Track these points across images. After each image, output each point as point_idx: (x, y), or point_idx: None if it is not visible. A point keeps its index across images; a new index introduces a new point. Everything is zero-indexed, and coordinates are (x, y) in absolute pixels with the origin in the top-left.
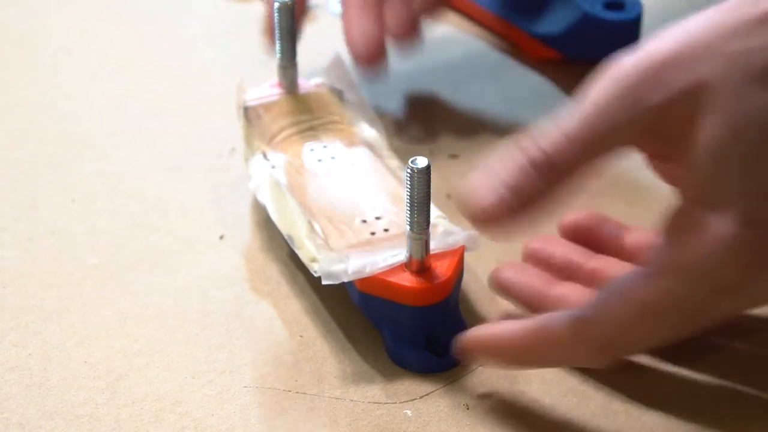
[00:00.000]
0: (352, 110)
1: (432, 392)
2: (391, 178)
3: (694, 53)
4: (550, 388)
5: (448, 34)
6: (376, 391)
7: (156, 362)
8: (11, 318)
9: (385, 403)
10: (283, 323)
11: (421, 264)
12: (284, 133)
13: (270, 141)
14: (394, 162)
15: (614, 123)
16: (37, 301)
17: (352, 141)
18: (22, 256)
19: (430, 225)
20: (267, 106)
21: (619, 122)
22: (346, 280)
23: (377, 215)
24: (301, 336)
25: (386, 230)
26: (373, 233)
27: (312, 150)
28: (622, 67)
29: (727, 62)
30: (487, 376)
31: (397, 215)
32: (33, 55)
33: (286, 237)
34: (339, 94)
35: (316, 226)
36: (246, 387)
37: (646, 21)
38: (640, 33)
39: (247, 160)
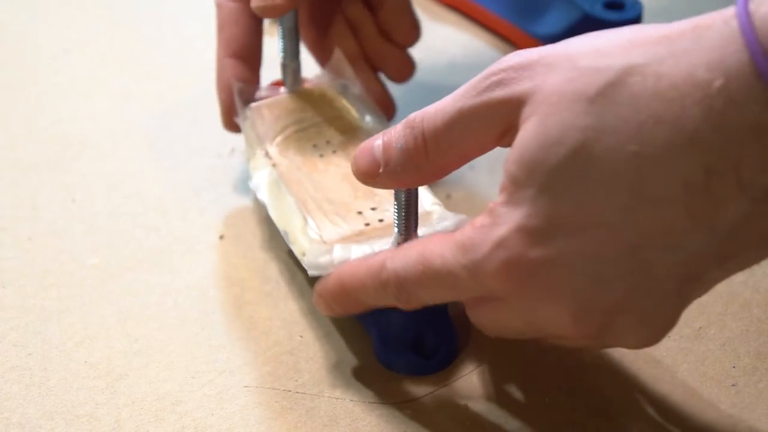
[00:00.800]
0: (355, 104)
1: (432, 392)
2: None
3: (555, 61)
4: (549, 388)
5: (448, 34)
6: (376, 391)
7: (156, 362)
8: (11, 318)
9: (385, 403)
10: (283, 323)
11: None
12: (288, 131)
13: (273, 139)
14: None
15: (471, 106)
16: (37, 301)
17: (355, 134)
18: (22, 256)
19: (426, 213)
20: (270, 105)
21: (473, 106)
22: (332, 270)
23: (373, 206)
24: (301, 336)
25: (381, 221)
26: (367, 224)
27: (315, 146)
28: (504, 58)
29: (572, 75)
30: (487, 376)
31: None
32: (33, 55)
33: (282, 233)
34: (342, 88)
35: (310, 221)
36: (246, 387)
37: (646, 21)
38: None
39: (249, 159)
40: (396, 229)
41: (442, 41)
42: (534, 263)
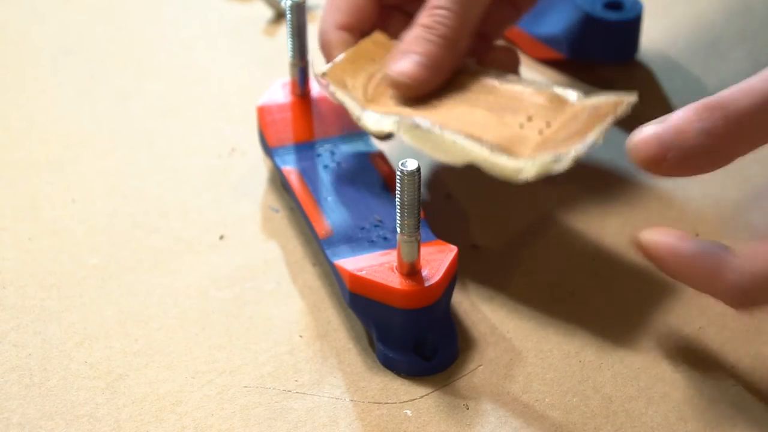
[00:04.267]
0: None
1: (432, 392)
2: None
3: None
4: (550, 388)
5: None
6: (376, 391)
7: (156, 362)
8: (11, 318)
9: (385, 403)
10: (283, 323)
11: (411, 267)
12: (371, 86)
13: (365, 99)
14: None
15: None
16: (37, 301)
17: None
18: (22, 256)
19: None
20: (344, 63)
21: None
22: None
23: (530, 115)
24: (301, 336)
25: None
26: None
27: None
28: None
29: None
30: (487, 376)
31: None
32: (33, 55)
33: (464, 165)
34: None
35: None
36: (246, 387)
37: (646, 21)
38: (640, 33)
39: (359, 119)
40: (399, 230)
41: None
42: None
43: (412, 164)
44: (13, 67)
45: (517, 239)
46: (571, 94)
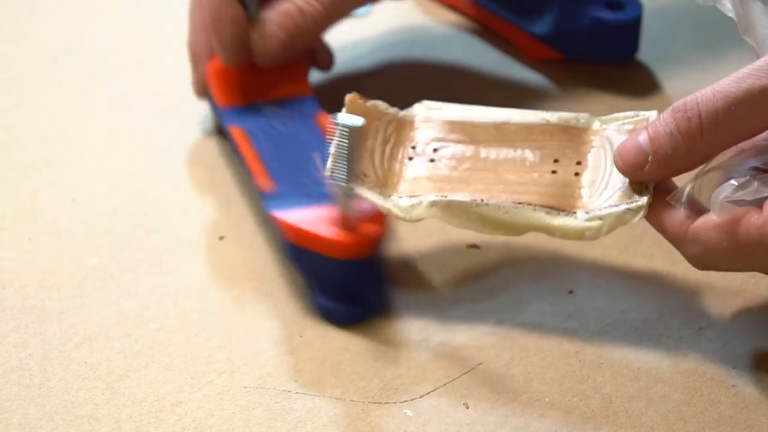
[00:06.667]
0: (392, 108)
1: (432, 391)
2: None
3: None
4: (550, 388)
5: (448, 34)
6: (376, 391)
7: (156, 363)
8: (11, 318)
9: (385, 403)
10: (283, 323)
11: (348, 219)
12: (378, 166)
13: (379, 184)
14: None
15: (764, 86)
16: (38, 301)
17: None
18: (22, 256)
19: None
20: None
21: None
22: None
23: (555, 157)
24: (301, 336)
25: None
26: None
27: (412, 157)
28: None
29: None
30: (487, 376)
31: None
32: (33, 55)
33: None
34: (375, 104)
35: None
36: (246, 387)
37: (646, 21)
38: (640, 33)
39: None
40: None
41: (443, 41)
42: None
43: (344, 117)
44: (13, 67)
45: (517, 239)
46: (585, 119)
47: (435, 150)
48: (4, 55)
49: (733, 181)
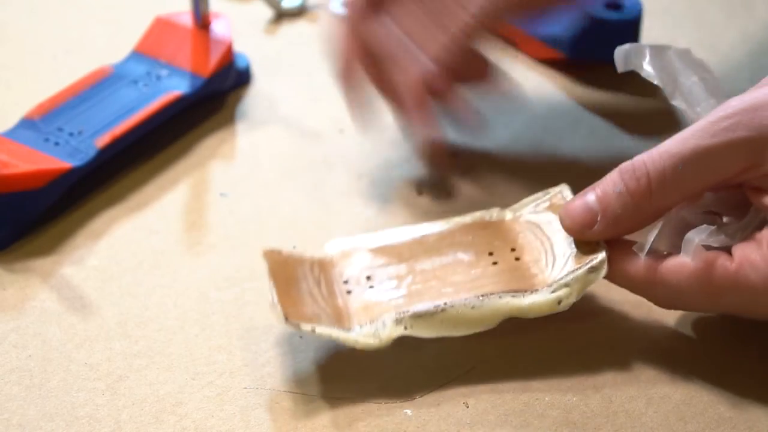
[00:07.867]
0: (307, 253)
1: (431, 391)
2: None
3: None
4: (550, 387)
5: None
6: (376, 391)
7: (156, 363)
8: (11, 319)
9: (385, 403)
10: (283, 323)
11: None
12: (322, 302)
13: (341, 320)
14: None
15: (709, 146)
16: (38, 302)
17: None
18: (22, 256)
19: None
20: (289, 304)
21: (711, 146)
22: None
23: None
24: (301, 336)
25: (517, 259)
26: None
27: (350, 291)
28: (727, 104)
29: None
30: (487, 375)
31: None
32: (33, 55)
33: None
34: (290, 253)
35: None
36: (246, 388)
37: (646, 21)
38: (640, 33)
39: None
40: None
41: None
42: None
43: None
44: (13, 67)
45: None
46: (497, 212)
47: (368, 278)
48: (5, 54)
49: (705, 226)
